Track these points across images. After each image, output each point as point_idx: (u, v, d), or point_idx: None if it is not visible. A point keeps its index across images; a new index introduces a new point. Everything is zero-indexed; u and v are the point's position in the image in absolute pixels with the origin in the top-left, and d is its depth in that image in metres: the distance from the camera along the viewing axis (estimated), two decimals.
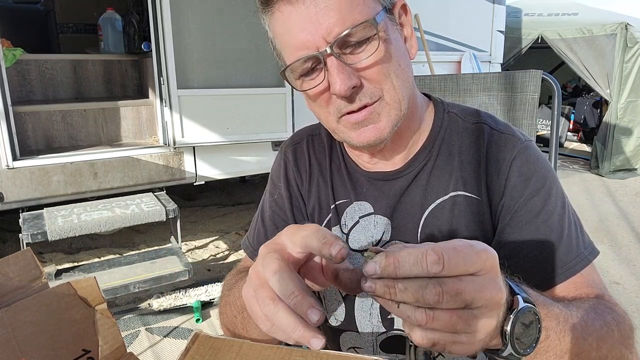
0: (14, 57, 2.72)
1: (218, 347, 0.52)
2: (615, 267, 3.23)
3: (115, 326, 0.50)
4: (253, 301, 0.50)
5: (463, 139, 0.77)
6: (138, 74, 3.57)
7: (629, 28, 5.25)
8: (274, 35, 0.69)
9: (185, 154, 2.96)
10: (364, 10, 0.63)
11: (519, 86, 1.25)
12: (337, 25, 0.62)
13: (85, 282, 0.49)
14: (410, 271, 0.42)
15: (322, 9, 0.61)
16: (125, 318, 2.54)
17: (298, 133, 0.92)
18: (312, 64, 0.65)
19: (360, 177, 0.81)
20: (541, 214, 0.71)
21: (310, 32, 0.62)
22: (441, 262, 0.41)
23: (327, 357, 0.51)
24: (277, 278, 0.47)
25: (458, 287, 0.42)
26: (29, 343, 0.46)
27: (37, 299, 0.48)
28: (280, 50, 0.69)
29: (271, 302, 0.47)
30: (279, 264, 0.48)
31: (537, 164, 0.74)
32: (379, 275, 0.43)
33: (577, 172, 5.79)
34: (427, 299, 0.41)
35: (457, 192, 0.75)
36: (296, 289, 0.46)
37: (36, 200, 2.59)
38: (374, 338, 0.81)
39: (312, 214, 0.86)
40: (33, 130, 2.85)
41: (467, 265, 0.42)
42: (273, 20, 0.66)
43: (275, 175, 0.90)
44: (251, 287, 0.50)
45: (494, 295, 0.44)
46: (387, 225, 0.78)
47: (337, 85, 0.63)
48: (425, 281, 0.42)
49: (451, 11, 4.27)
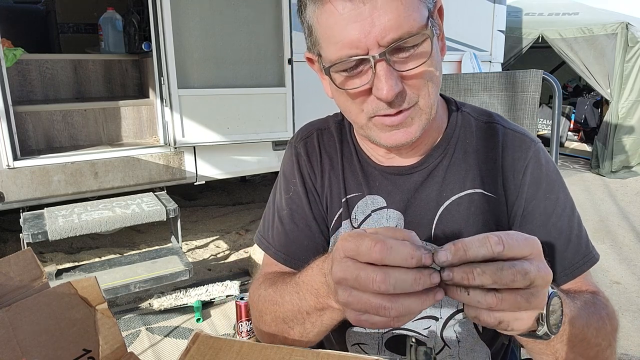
0: (14, 57, 2.72)
1: (218, 347, 0.52)
2: (615, 267, 3.22)
3: (116, 326, 0.50)
4: (366, 285, 0.48)
5: (478, 138, 0.79)
6: (138, 74, 3.57)
7: (630, 28, 5.25)
8: (317, 25, 0.65)
9: (186, 153, 2.96)
10: (419, 16, 0.61)
11: (519, 86, 1.25)
12: (393, 30, 0.60)
13: (86, 282, 0.49)
14: (478, 252, 0.47)
15: (379, 9, 0.59)
16: (126, 318, 2.54)
17: (306, 128, 0.90)
18: (358, 63, 0.63)
19: (374, 171, 0.81)
20: (552, 216, 0.75)
21: (364, 32, 0.60)
22: (501, 243, 0.46)
23: (327, 357, 0.51)
24: (391, 249, 0.48)
25: (525, 268, 0.46)
26: (29, 342, 0.46)
27: (37, 298, 0.48)
28: (320, 40, 0.66)
29: (380, 272, 0.48)
30: (383, 242, 0.48)
31: (548, 166, 0.77)
32: (450, 261, 0.47)
33: (578, 172, 5.78)
34: (504, 279, 0.46)
35: (474, 190, 0.76)
36: (411, 249, 0.48)
37: (37, 200, 2.59)
38: (379, 336, 0.81)
39: (326, 207, 0.85)
40: (33, 130, 2.85)
41: (522, 248, 0.47)
42: (323, 10, 0.63)
43: (288, 171, 0.88)
44: (350, 282, 0.50)
45: (548, 274, 0.49)
46: (399, 219, 0.79)
47: (384, 91, 0.62)
48: (500, 263, 0.46)
49: (451, 11, 4.26)
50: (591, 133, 6.55)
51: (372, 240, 0.48)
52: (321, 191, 0.85)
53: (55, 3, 4.06)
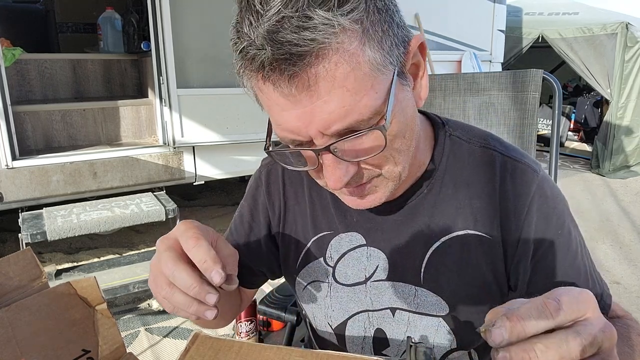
0: (13, 56, 2.72)
1: (218, 347, 0.51)
2: (616, 267, 3.22)
3: (115, 326, 0.50)
4: (154, 289, 0.56)
5: (471, 167, 0.69)
6: (137, 74, 3.57)
7: (630, 27, 5.25)
8: (256, 95, 0.56)
9: (185, 153, 2.96)
10: (372, 98, 0.51)
11: (519, 86, 1.25)
12: (338, 122, 0.50)
13: (85, 282, 0.49)
14: (538, 325, 0.39)
15: (320, 98, 0.49)
16: (125, 318, 2.54)
17: None
18: (304, 148, 0.56)
19: (349, 206, 0.70)
20: (567, 256, 0.67)
21: (304, 122, 0.51)
22: (562, 308, 0.39)
23: (327, 357, 0.50)
24: (175, 275, 0.52)
25: (591, 333, 0.40)
26: (28, 343, 0.46)
27: (37, 298, 0.48)
28: (265, 109, 0.57)
29: (167, 286, 0.53)
30: (174, 263, 0.53)
31: (555, 200, 0.68)
32: (507, 341, 0.40)
33: (578, 172, 5.79)
34: (572, 352, 0.39)
35: (466, 231, 0.68)
36: (194, 281, 0.52)
37: (35, 200, 2.58)
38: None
39: (287, 245, 0.79)
40: (32, 130, 2.84)
41: (580, 307, 0.41)
42: (258, 87, 0.53)
43: (248, 191, 0.84)
44: (150, 277, 0.57)
45: (613, 333, 0.42)
46: (381, 259, 0.72)
47: (331, 182, 0.55)
48: (564, 334, 0.39)
49: (451, 10, 4.26)
50: (591, 133, 6.54)
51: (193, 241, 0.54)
52: (282, 227, 0.79)
53: (55, 3, 4.07)
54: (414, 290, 0.71)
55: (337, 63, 0.48)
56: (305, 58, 0.47)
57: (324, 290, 0.76)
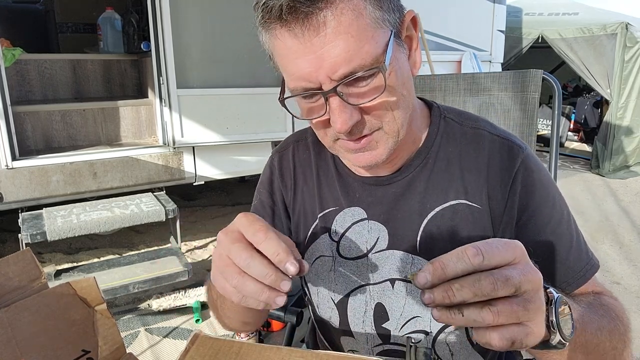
0: (13, 56, 2.72)
1: (218, 347, 0.52)
2: (616, 267, 3.22)
3: (115, 327, 0.50)
4: (222, 280, 0.55)
5: (462, 145, 0.76)
6: (137, 74, 3.57)
7: (630, 28, 5.25)
8: (272, 52, 0.65)
9: (185, 153, 2.96)
10: (373, 46, 0.58)
11: (519, 86, 1.25)
12: (344, 65, 0.58)
13: (85, 283, 0.49)
14: (456, 267, 0.46)
15: (328, 43, 0.57)
16: (125, 318, 2.54)
17: (286, 139, 0.92)
18: (314, 94, 0.63)
19: (353, 182, 0.80)
20: (549, 224, 0.72)
21: (314, 67, 0.59)
22: (480, 253, 0.45)
23: (327, 357, 0.50)
24: (250, 264, 0.53)
25: (505, 274, 0.45)
26: (28, 343, 0.46)
27: (36, 299, 0.47)
28: (279, 67, 0.66)
29: (239, 275, 0.53)
30: (249, 254, 0.53)
31: (539, 173, 0.74)
32: (430, 282, 0.46)
33: (578, 172, 5.79)
34: (484, 289, 0.45)
35: (458, 201, 0.74)
36: (270, 270, 0.52)
37: (35, 200, 2.58)
38: (369, 347, 0.81)
39: (297, 222, 0.85)
40: (32, 130, 2.84)
41: (503, 254, 0.46)
42: (274, 41, 0.62)
43: (262, 179, 0.90)
44: (217, 269, 0.56)
45: (535, 276, 0.48)
46: (382, 231, 0.77)
47: (338, 124, 0.61)
48: (477, 275, 0.45)
49: (451, 10, 4.26)
50: (591, 133, 6.55)
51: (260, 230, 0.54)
52: (292, 206, 0.85)
53: (54, 3, 4.06)
54: (410, 258, 0.75)
55: (343, 10, 0.56)
56: (317, 2, 0.55)
57: (329, 264, 0.80)
